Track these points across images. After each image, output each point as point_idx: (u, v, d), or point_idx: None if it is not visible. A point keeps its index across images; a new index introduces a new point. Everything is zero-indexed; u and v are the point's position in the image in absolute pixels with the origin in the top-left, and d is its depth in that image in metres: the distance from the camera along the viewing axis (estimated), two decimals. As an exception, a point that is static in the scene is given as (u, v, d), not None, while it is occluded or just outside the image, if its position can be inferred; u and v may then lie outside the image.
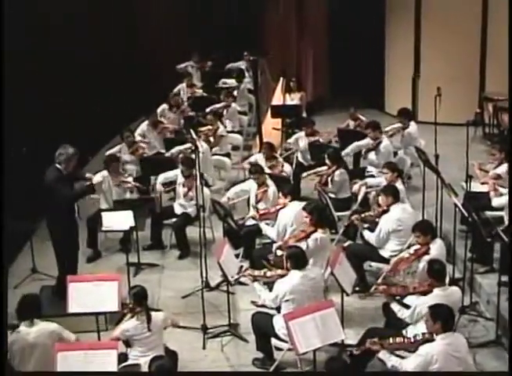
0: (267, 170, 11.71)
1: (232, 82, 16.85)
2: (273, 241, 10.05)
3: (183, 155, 12.13)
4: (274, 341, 8.31)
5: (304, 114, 15.41)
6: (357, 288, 9.11)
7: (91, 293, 8.05)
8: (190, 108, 15.64)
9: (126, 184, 11.36)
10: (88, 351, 7.12)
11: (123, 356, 7.73)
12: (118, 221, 10.05)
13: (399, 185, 10.41)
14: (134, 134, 13.16)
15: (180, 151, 12.91)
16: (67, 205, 9.28)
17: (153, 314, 7.87)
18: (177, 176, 11.52)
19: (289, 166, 12.57)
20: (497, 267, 9.59)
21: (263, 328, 8.35)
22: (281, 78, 15.72)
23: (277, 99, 15.59)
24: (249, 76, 16.86)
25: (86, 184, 9.59)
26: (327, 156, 11.51)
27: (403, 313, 8.00)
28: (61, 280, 9.55)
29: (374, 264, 9.83)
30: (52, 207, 9.28)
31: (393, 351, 7.32)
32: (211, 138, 13.41)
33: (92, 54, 14.99)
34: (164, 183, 11.80)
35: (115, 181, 11.32)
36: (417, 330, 7.60)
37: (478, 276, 9.69)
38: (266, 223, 10.37)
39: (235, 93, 16.08)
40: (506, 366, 7.87)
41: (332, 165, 11.43)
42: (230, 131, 14.67)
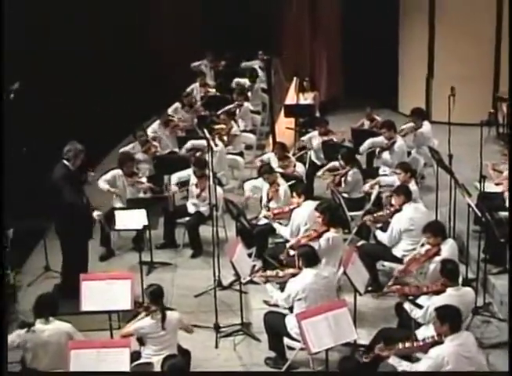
0: (279, 170, 11.72)
1: (245, 82, 16.85)
2: (286, 241, 10.06)
3: (195, 156, 12.13)
4: (286, 340, 8.31)
5: (317, 114, 15.39)
6: (370, 288, 9.10)
7: (104, 291, 8.06)
8: (203, 107, 15.64)
9: (140, 185, 11.39)
10: (101, 349, 7.13)
11: (136, 354, 7.75)
12: (131, 220, 10.08)
13: (412, 185, 10.38)
14: (147, 133, 13.16)
15: (193, 146, 12.93)
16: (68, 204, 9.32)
17: (168, 313, 7.87)
18: (190, 176, 11.53)
19: (302, 166, 12.57)
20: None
21: (275, 327, 8.35)
22: (294, 78, 15.70)
23: (290, 99, 15.57)
24: (262, 75, 16.87)
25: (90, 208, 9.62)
26: (341, 156, 11.50)
27: (416, 313, 7.99)
28: (65, 279, 9.60)
29: (387, 264, 9.81)
30: (59, 204, 9.31)
31: (403, 355, 7.30)
32: (225, 137, 13.43)
33: (104, 54, 15.04)
34: (178, 183, 11.79)
35: (129, 181, 11.34)
36: (430, 330, 7.57)
37: (492, 276, 9.66)
38: (279, 223, 10.38)
39: (248, 93, 16.08)
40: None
41: (345, 165, 11.42)
42: (243, 130, 14.67)
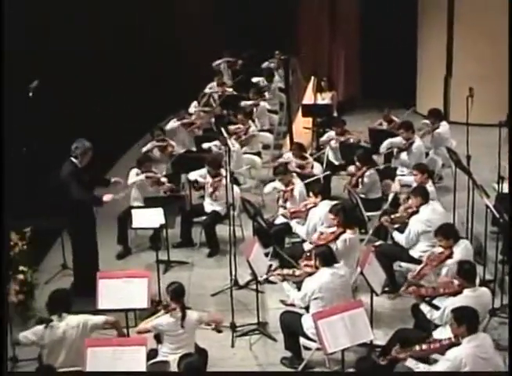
0: (297, 169, 11.71)
1: (262, 81, 16.84)
2: (303, 240, 10.06)
3: (210, 155, 12.14)
4: (302, 340, 8.29)
5: (335, 114, 15.38)
6: (386, 288, 9.07)
7: (120, 289, 8.10)
8: (221, 107, 15.66)
9: (162, 186, 11.40)
10: (117, 347, 7.16)
11: (153, 353, 7.77)
12: (148, 218, 10.11)
13: (430, 186, 10.35)
14: (164, 132, 13.19)
15: (208, 148, 12.95)
16: (77, 201, 9.33)
17: (188, 312, 7.89)
18: (206, 175, 11.54)
19: (319, 165, 12.56)
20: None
21: (292, 327, 8.34)
22: (312, 77, 15.69)
23: (308, 99, 15.56)
24: (280, 75, 16.86)
25: (96, 197, 9.60)
26: (357, 157, 11.47)
27: (433, 315, 7.96)
28: (77, 277, 9.64)
29: (404, 264, 9.78)
30: (68, 202, 9.34)
31: (420, 357, 7.27)
32: (242, 136, 13.45)
33: (120, 54, 15.11)
34: (195, 182, 11.80)
35: (149, 183, 11.35)
36: (447, 331, 7.54)
37: (509, 277, 9.61)
38: (296, 222, 10.38)
39: (265, 92, 16.08)
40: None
41: (362, 166, 11.39)
42: (260, 129, 14.68)
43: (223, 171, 10.99)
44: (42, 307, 8.41)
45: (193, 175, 11.75)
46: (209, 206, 11.46)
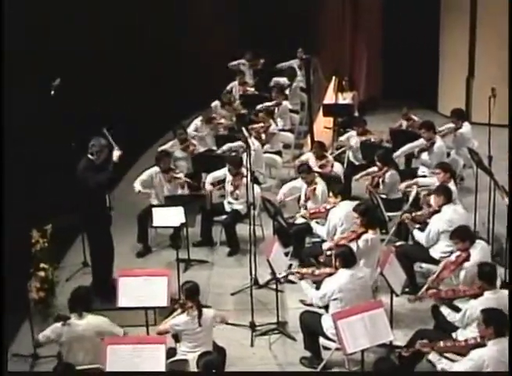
0: (317, 169, 11.70)
1: (284, 81, 16.82)
2: (323, 240, 10.05)
3: (230, 154, 12.14)
4: (322, 340, 8.29)
5: (356, 114, 15.33)
6: (407, 289, 9.04)
7: (140, 288, 8.12)
8: (242, 106, 15.66)
9: (177, 180, 11.43)
10: (137, 345, 7.18)
11: (172, 351, 7.79)
12: (169, 217, 10.13)
13: (452, 186, 10.29)
14: (186, 130, 13.22)
15: (231, 148, 12.96)
16: (98, 192, 9.33)
17: (204, 310, 7.91)
18: (226, 175, 11.55)
19: (340, 165, 12.54)
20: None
21: (311, 327, 8.34)
22: (334, 77, 15.66)
23: (329, 98, 15.52)
24: (301, 74, 16.84)
25: (112, 169, 9.42)
26: (377, 157, 11.42)
27: (453, 317, 7.92)
28: (96, 277, 9.67)
29: (425, 265, 9.74)
30: (84, 199, 9.36)
31: (443, 353, 7.25)
32: (263, 135, 13.45)
33: (144, 53, 15.16)
34: (213, 183, 11.81)
35: (166, 177, 11.40)
36: (467, 334, 7.52)
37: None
38: (316, 222, 10.36)
39: (286, 91, 16.07)
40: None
41: (382, 167, 11.35)
42: (281, 129, 14.66)
43: (244, 170, 10.99)
44: (63, 304, 8.46)
45: (211, 176, 11.76)
46: (229, 205, 11.47)
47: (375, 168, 11.53)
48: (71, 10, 11.26)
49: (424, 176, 11.82)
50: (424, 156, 12.14)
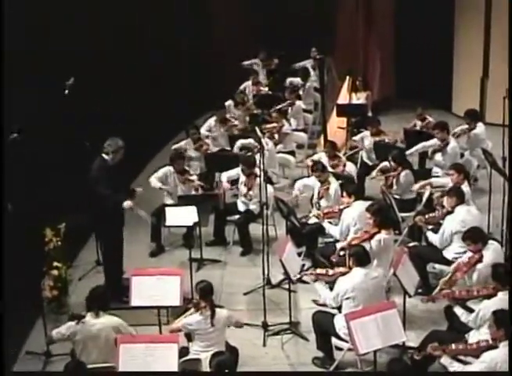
0: (330, 169, 11.69)
1: (298, 81, 16.82)
2: (336, 240, 10.03)
3: (243, 154, 12.14)
4: (334, 340, 8.28)
5: (369, 114, 15.32)
6: (420, 290, 9.02)
7: (153, 287, 8.12)
8: (255, 106, 15.66)
9: (191, 182, 11.44)
10: (150, 344, 7.18)
11: (184, 350, 7.79)
12: (182, 216, 10.13)
13: (465, 187, 10.27)
14: (199, 130, 13.23)
15: (243, 145, 12.96)
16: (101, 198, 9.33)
17: (217, 310, 7.91)
18: (239, 174, 11.55)
19: (353, 165, 12.52)
20: None
21: (324, 327, 8.33)
22: (347, 77, 15.64)
23: (343, 98, 15.51)
24: (315, 74, 16.84)
25: (120, 200, 9.47)
26: (391, 158, 11.39)
27: (466, 317, 7.89)
28: (107, 277, 9.70)
29: (438, 266, 9.72)
30: (95, 199, 9.37)
31: (455, 356, 7.23)
32: (276, 135, 13.45)
33: (158, 53, 15.19)
34: (228, 181, 11.81)
35: (181, 178, 11.40)
36: (480, 334, 7.49)
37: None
38: (329, 222, 10.35)
39: (300, 91, 16.06)
40: None
41: (397, 167, 11.33)
42: (295, 129, 14.66)
43: (257, 170, 10.99)
44: (76, 303, 8.48)
45: (225, 175, 11.77)
46: (242, 205, 11.47)
47: (387, 163, 11.51)
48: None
49: (438, 177, 11.80)
50: (438, 156, 12.11)
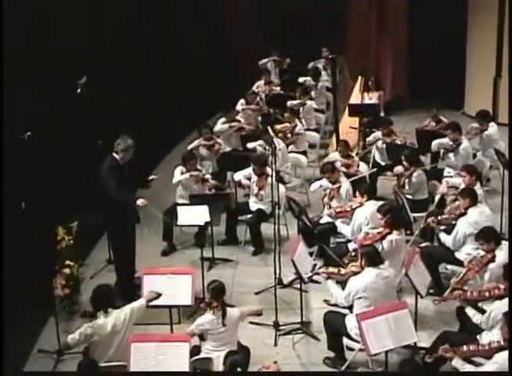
0: (342, 169, 11.67)
1: (310, 81, 16.81)
2: (348, 240, 10.03)
3: (254, 154, 12.14)
4: (346, 340, 8.27)
5: (381, 114, 15.30)
6: (431, 291, 9.00)
7: (165, 286, 8.11)
8: (267, 105, 15.66)
9: (205, 182, 11.43)
10: (161, 343, 7.19)
11: (196, 349, 7.80)
12: (194, 216, 10.15)
13: (478, 188, 10.24)
14: (212, 130, 13.23)
15: (255, 147, 12.95)
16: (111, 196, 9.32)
17: (229, 310, 7.92)
18: (251, 174, 11.55)
19: (365, 165, 12.50)
20: None
21: (335, 327, 8.32)
22: (359, 77, 15.63)
23: (355, 98, 15.51)
24: (327, 74, 16.82)
25: (132, 198, 9.48)
26: (404, 157, 11.37)
27: (478, 318, 7.87)
28: (118, 276, 9.71)
29: (450, 267, 9.70)
30: (107, 198, 9.38)
31: (466, 358, 7.20)
32: (288, 135, 13.45)
33: (170, 53, 15.22)
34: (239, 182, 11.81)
35: (194, 179, 11.39)
36: (492, 335, 7.46)
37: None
38: (341, 221, 10.35)
39: (312, 91, 16.05)
40: None
41: (409, 166, 11.31)
42: (307, 129, 14.65)
43: (268, 169, 10.99)
44: (87, 301, 8.48)
45: (239, 175, 11.76)
46: (254, 204, 11.47)
47: (400, 168, 11.50)
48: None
49: (450, 177, 11.78)
50: (450, 157, 12.08)
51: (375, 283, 8.16)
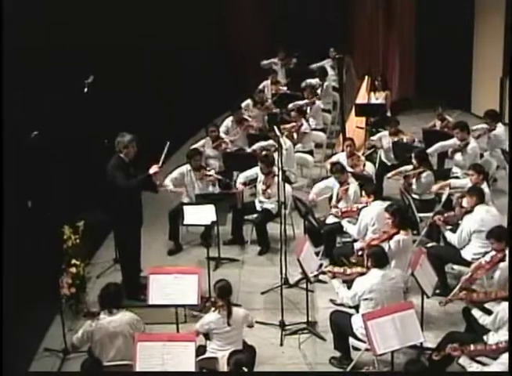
0: (349, 168, 11.66)
1: (316, 81, 16.79)
2: (354, 240, 10.02)
3: (262, 153, 12.13)
4: (352, 340, 8.26)
5: (388, 113, 15.28)
6: (438, 291, 8.98)
7: (171, 285, 8.12)
8: (274, 105, 15.66)
9: (209, 177, 11.43)
10: (167, 342, 7.20)
11: (201, 349, 7.80)
12: (200, 215, 10.16)
13: (485, 187, 10.22)
14: (219, 129, 13.23)
15: (262, 147, 12.95)
16: (122, 193, 9.28)
17: (234, 309, 7.91)
18: (257, 174, 11.55)
19: (371, 165, 12.48)
20: None
21: (341, 327, 8.31)
22: (366, 77, 15.61)
23: (362, 98, 15.49)
24: (334, 74, 16.81)
25: (143, 177, 9.40)
26: (414, 156, 11.34)
27: (485, 319, 7.85)
28: (124, 275, 9.72)
29: (456, 267, 9.69)
30: (114, 197, 9.37)
31: (473, 357, 7.19)
32: (295, 135, 13.44)
33: (179, 52, 15.23)
34: (244, 182, 11.80)
35: (198, 175, 11.41)
36: (499, 336, 7.45)
37: None
38: (348, 221, 10.34)
39: (318, 91, 16.04)
40: None
41: (419, 165, 11.28)
42: (313, 128, 14.64)
43: (275, 168, 10.99)
44: (93, 300, 8.50)
45: (245, 174, 11.75)
46: (260, 204, 11.47)
47: (407, 167, 11.47)
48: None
49: (457, 177, 11.75)
50: (458, 157, 12.06)
51: (381, 284, 8.15)
